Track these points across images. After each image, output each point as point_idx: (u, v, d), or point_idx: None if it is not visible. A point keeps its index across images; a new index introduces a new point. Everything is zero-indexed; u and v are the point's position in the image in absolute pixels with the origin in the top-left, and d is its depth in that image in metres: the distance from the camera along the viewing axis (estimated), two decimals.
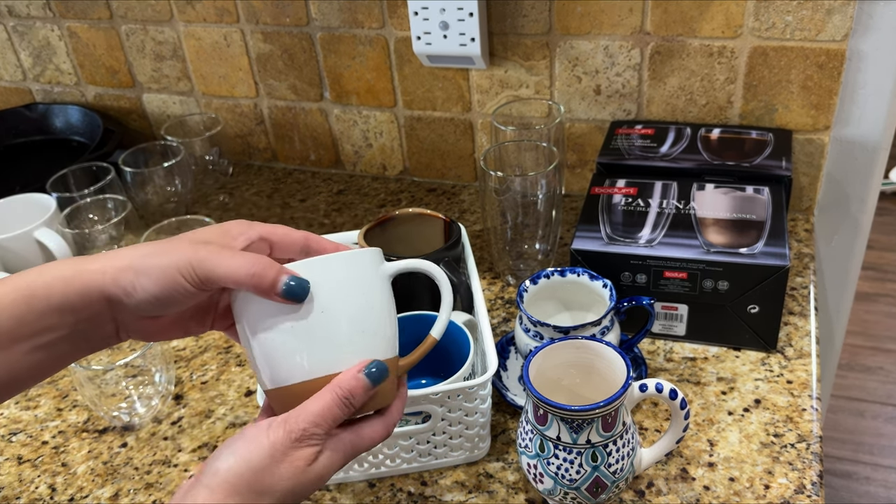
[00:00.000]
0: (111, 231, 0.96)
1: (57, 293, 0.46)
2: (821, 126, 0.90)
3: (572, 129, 1.01)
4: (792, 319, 0.81)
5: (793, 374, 0.75)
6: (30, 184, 1.04)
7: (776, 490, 0.64)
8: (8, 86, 1.30)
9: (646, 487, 0.66)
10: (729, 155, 0.87)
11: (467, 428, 0.66)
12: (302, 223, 1.07)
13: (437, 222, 0.79)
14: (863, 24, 0.83)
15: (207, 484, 0.46)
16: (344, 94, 1.10)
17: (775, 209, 0.79)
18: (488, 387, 0.66)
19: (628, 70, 0.94)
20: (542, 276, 0.74)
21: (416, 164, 1.13)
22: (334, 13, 1.02)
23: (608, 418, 0.57)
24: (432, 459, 0.69)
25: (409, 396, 0.63)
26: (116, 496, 0.71)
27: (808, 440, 0.68)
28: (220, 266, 0.46)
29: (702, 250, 0.74)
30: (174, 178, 1.06)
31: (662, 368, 0.78)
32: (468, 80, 1.02)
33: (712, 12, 0.87)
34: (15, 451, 0.77)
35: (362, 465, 0.68)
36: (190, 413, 0.79)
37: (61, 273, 0.47)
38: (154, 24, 1.13)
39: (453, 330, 0.70)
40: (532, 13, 0.94)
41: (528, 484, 0.67)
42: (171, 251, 0.47)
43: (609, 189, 0.85)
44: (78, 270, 0.47)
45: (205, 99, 1.18)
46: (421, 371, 0.74)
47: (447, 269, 0.74)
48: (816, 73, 0.87)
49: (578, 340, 0.63)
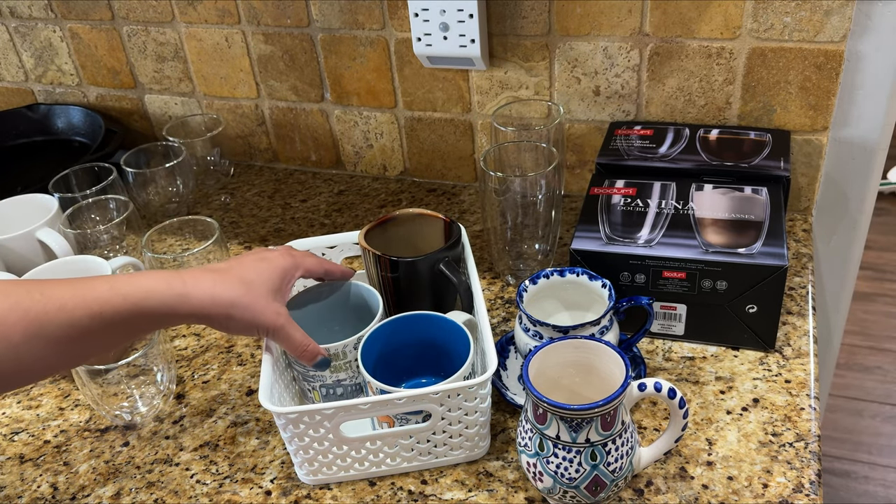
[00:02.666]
0: (113, 231, 0.96)
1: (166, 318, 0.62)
2: (819, 127, 0.91)
3: (572, 130, 1.02)
4: (790, 319, 0.82)
5: (791, 374, 0.75)
6: (32, 184, 1.04)
7: (774, 489, 0.65)
8: (10, 87, 1.31)
9: (645, 486, 0.66)
10: (727, 155, 0.87)
11: (467, 427, 0.67)
12: (303, 223, 1.07)
13: (438, 222, 0.80)
14: (861, 25, 0.83)
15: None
16: (344, 94, 1.10)
17: (774, 209, 0.79)
18: (488, 386, 0.66)
19: (627, 71, 0.94)
20: (541, 275, 0.74)
21: (416, 164, 1.13)
22: (335, 14, 1.03)
23: (607, 417, 0.58)
24: (432, 458, 0.69)
25: (409, 396, 0.63)
26: (118, 495, 0.71)
27: (806, 439, 0.69)
28: (288, 339, 0.66)
29: (700, 250, 0.75)
30: (176, 178, 1.06)
31: (661, 368, 0.78)
32: (468, 81, 1.02)
33: (711, 13, 0.87)
34: (17, 450, 0.77)
35: (363, 464, 0.68)
36: (191, 412, 0.79)
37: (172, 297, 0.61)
38: (155, 25, 1.13)
39: (453, 330, 0.70)
40: (532, 14, 0.94)
41: (527, 482, 0.68)
42: (262, 311, 0.64)
43: (608, 189, 0.85)
44: (184, 298, 0.61)
45: (206, 100, 1.19)
46: (421, 370, 0.74)
47: (447, 268, 0.74)
48: (815, 74, 0.88)
49: (578, 340, 0.64)
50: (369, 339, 0.69)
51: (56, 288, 0.57)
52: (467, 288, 0.74)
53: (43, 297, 0.56)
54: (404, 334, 0.72)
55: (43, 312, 0.55)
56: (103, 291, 0.58)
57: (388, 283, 0.76)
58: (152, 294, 0.60)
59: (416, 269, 0.74)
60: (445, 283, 0.75)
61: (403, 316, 0.71)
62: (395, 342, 0.71)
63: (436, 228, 0.80)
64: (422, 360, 0.73)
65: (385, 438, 0.67)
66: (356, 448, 0.67)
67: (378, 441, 0.67)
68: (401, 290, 0.76)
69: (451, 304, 0.79)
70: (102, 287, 0.58)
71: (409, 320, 0.71)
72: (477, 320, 0.72)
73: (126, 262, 0.89)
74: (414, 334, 0.72)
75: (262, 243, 1.04)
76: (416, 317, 0.71)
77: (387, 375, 0.70)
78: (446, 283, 0.75)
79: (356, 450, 0.67)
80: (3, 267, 0.94)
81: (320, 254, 0.84)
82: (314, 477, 0.69)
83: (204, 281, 0.63)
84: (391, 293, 0.76)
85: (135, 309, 0.59)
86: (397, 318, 0.71)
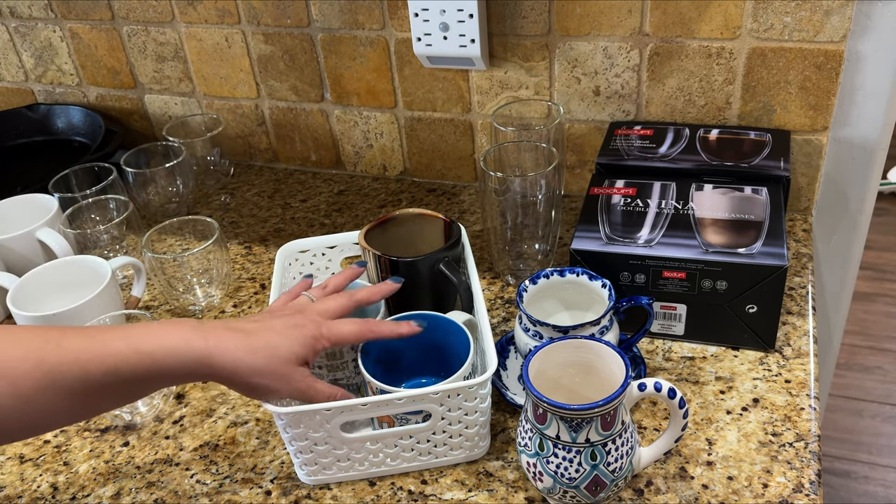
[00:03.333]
0: (113, 231, 0.96)
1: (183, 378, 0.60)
2: (819, 126, 0.91)
3: (572, 130, 1.02)
4: (790, 319, 0.82)
5: (791, 374, 0.75)
6: (32, 184, 1.04)
7: (774, 489, 0.65)
8: (10, 86, 1.31)
9: (645, 486, 0.66)
10: (727, 155, 0.87)
11: (467, 427, 0.67)
12: (303, 223, 1.07)
13: (438, 222, 0.80)
14: (861, 25, 0.83)
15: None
16: (344, 94, 1.10)
17: (773, 209, 0.79)
18: (488, 386, 0.66)
19: (627, 71, 0.94)
20: (541, 275, 0.74)
21: (416, 164, 1.13)
22: (335, 14, 1.03)
23: (607, 417, 0.58)
24: (432, 458, 0.69)
25: (409, 396, 0.63)
26: (118, 495, 0.71)
27: (806, 439, 0.69)
28: (315, 399, 0.63)
29: (700, 250, 0.75)
30: (176, 178, 1.06)
31: (661, 368, 0.78)
32: (468, 81, 1.02)
33: (711, 13, 0.87)
34: (17, 450, 0.77)
35: (363, 464, 0.68)
36: (191, 412, 0.79)
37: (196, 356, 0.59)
38: (155, 25, 1.13)
39: (453, 330, 0.70)
40: (532, 14, 0.94)
41: (527, 482, 0.68)
42: (286, 382, 0.62)
43: (608, 189, 0.85)
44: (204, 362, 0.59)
45: (206, 100, 1.19)
46: (421, 371, 0.74)
47: (447, 268, 0.74)
48: (815, 74, 0.88)
49: (578, 340, 0.64)
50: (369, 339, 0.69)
51: (73, 339, 0.56)
52: (467, 288, 0.74)
53: (59, 348, 0.55)
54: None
55: (57, 364, 0.54)
56: (120, 347, 0.56)
57: None
58: (171, 354, 0.57)
59: (416, 269, 0.74)
60: (445, 283, 0.75)
61: (403, 316, 0.71)
62: (395, 342, 0.71)
63: (436, 228, 0.80)
64: (422, 360, 0.73)
65: (385, 438, 0.67)
66: (356, 448, 0.67)
67: (378, 441, 0.67)
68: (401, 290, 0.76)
69: (451, 304, 0.79)
70: (119, 343, 0.56)
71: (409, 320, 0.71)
72: (477, 320, 0.72)
73: (126, 262, 0.89)
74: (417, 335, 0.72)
75: (261, 243, 1.04)
76: (416, 317, 0.71)
77: (387, 376, 0.70)
78: (446, 283, 0.75)
79: (356, 450, 0.67)
80: (3, 267, 0.94)
81: (320, 254, 0.84)
82: (314, 477, 0.69)
83: (227, 342, 0.59)
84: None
85: (153, 367, 0.57)
86: (397, 317, 0.71)
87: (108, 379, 0.56)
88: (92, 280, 0.85)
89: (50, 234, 0.93)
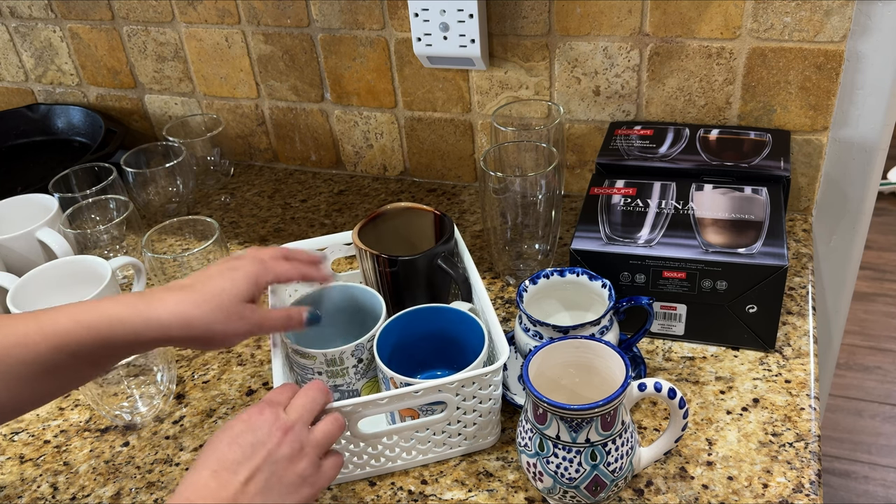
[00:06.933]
0: (113, 231, 0.96)
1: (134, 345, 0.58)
2: (819, 127, 0.91)
3: (572, 130, 1.02)
4: (790, 319, 0.82)
5: (791, 374, 0.75)
6: (32, 184, 1.04)
7: (774, 489, 0.65)
8: (10, 86, 1.31)
9: (645, 486, 0.66)
10: (727, 155, 0.87)
11: (481, 416, 0.67)
12: (303, 223, 1.07)
13: (428, 216, 0.80)
14: (861, 25, 0.83)
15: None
16: (344, 94, 1.10)
17: (774, 209, 0.79)
18: (500, 374, 0.67)
19: (627, 71, 0.94)
20: (541, 275, 0.74)
21: (416, 164, 1.13)
22: (335, 14, 1.03)
23: (607, 417, 0.58)
24: (447, 449, 0.69)
25: (425, 387, 0.63)
26: (118, 495, 0.71)
27: (806, 439, 0.69)
28: (272, 328, 0.64)
29: (700, 250, 0.75)
30: (176, 178, 1.07)
31: (661, 368, 0.78)
32: (468, 81, 1.02)
33: (711, 13, 0.87)
34: (17, 450, 0.77)
35: (379, 459, 0.68)
36: (191, 412, 0.79)
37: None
38: (155, 25, 1.13)
39: (462, 319, 0.71)
40: (532, 14, 0.94)
41: (527, 482, 0.68)
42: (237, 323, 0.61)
43: (608, 189, 0.85)
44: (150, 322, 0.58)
45: (206, 100, 1.19)
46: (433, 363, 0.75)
47: (445, 263, 0.74)
48: (815, 74, 0.88)
49: (578, 340, 0.64)
50: (383, 335, 0.69)
51: (16, 323, 0.55)
52: (465, 279, 0.74)
53: (1, 333, 0.54)
54: (416, 328, 0.72)
55: (2, 348, 0.53)
56: (65, 323, 0.55)
57: (386, 281, 0.76)
58: (116, 321, 0.56)
59: (414, 266, 0.75)
60: (441, 276, 0.75)
61: (414, 310, 0.72)
62: (406, 336, 0.71)
63: (426, 221, 0.80)
64: (433, 352, 0.74)
65: (402, 432, 0.67)
66: (372, 444, 0.67)
67: (395, 436, 0.67)
68: (399, 287, 0.76)
69: (447, 297, 0.79)
70: (64, 319, 0.55)
71: (420, 314, 0.72)
72: (480, 307, 0.72)
73: (126, 262, 0.89)
74: (425, 327, 0.72)
75: (262, 243, 1.04)
76: (426, 310, 0.72)
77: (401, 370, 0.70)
78: (443, 276, 0.75)
79: (373, 446, 0.67)
80: (3, 267, 0.95)
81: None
82: None
83: (172, 299, 0.58)
84: (389, 291, 0.76)
85: (99, 338, 0.56)
86: (408, 312, 0.71)
87: (59, 357, 0.55)
88: (92, 280, 0.85)
89: (50, 234, 0.93)
